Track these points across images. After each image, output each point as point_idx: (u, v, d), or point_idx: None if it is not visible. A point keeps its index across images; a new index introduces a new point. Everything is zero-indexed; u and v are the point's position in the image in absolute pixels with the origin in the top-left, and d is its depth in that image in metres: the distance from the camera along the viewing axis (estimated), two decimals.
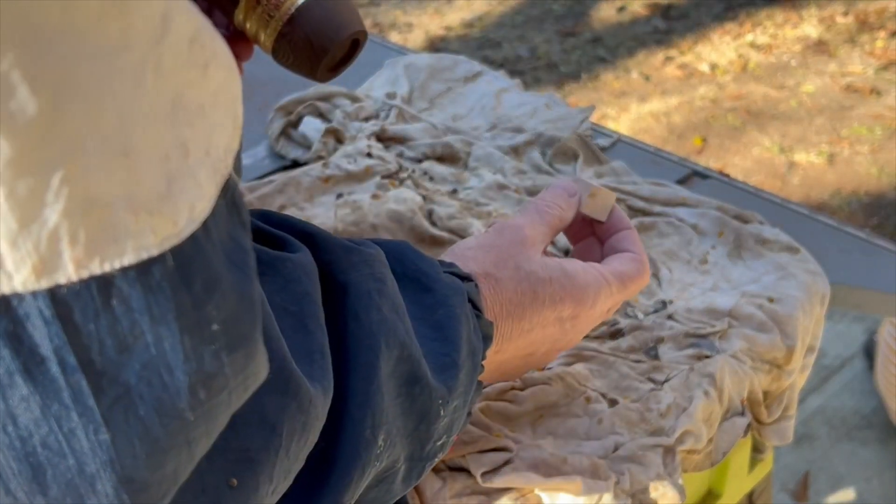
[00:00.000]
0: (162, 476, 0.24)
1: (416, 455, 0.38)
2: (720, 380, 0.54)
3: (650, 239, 0.66)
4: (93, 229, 0.21)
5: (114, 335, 0.22)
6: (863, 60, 2.34)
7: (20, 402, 0.22)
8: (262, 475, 0.28)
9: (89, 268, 0.21)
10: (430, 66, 0.85)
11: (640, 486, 0.49)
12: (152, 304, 0.22)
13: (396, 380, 0.35)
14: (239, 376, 0.25)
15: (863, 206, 1.88)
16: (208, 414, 0.24)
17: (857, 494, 1.32)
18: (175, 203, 0.23)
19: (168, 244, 0.22)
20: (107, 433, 0.22)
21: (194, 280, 0.23)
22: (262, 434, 0.28)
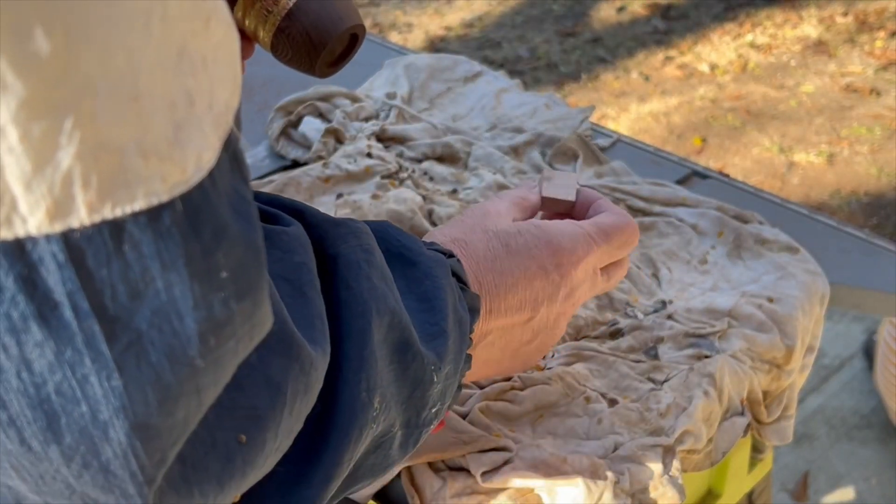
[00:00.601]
0: (173, 423, 0.24)
1: (412, 422, 0.39)
2: (720, 380, 0.54)
3: (650, 239, 0.66)
4: (105, 173, 0.21)
5: (125, 281, 0.22)
6: (862, 60, 2.35)
7: (34, 347, 0.22)
8: (268, 433, 0.29)
9: (101, 212, 0.22)
10: (430, 67, 0.85)
11: (640, 486, 0.49)
12: (162, 250, 0.23)
13: (389, 346, 0.36)
14: (246, 325, 0.25)
15: (862, 206, 1.88)
16: (217, 362, 0.24)
17: (856, 494, 1.32)
18: (183, 150, 0.23)
19: (177, 190, 0.23)
20: (119, 379, 0.23)
21: (203, 227, 0.24)
22: (268, 393, 0.28)
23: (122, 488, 0.24)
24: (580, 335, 0.58)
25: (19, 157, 0.20)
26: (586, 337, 0.58)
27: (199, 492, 0.26)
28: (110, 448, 0.23)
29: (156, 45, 0.22)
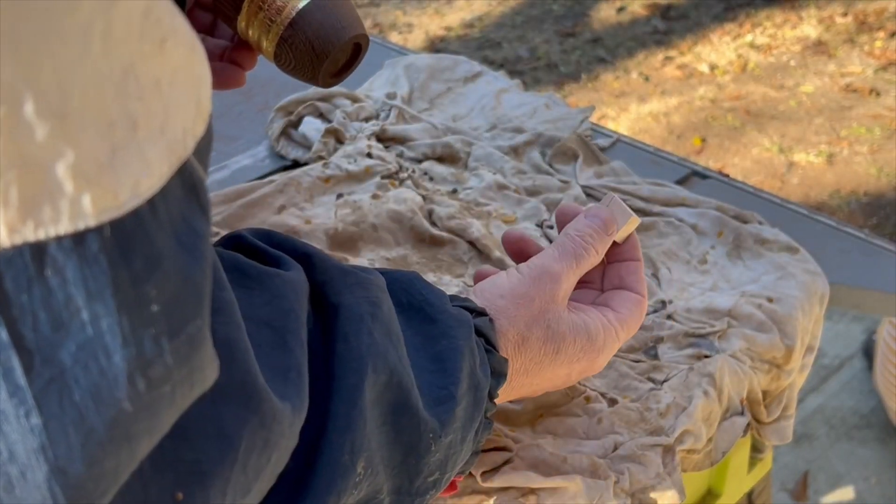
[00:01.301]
0: (100, 473, 0.22)
1: (403, 489, 0.37)
2: (719, 379, 0.54)
3: (650, 239, 0.66)
4: (27, 190, 0.20)
5: (48, 309, 0.21)
6: (862, 61, 2.35)
7: None
8: (212, 489, 0.26)
9: (22, 232, 0.20)
10: (430, 67, 0.85)
11: (640, 486, 0.49)
12: (88, 277, 0.21)
13: (382, 407, 0.35)
14: (183, 368, 0.23)
15: (862, 206, 1.88)
16: (149, 407, 0.23)
17: (856, 494, 1.33)
18: (117, 175, 0.22)
19: (106, 216, 0.22)
20: (39, 417, 0.21)
21: (134, 256, 0.22)
22: (217, 446, 0.26)
23: None
24: None
25: None
26: None
27: None
28: (27, 491, 0.22)
29: (93, 63, 0.21)
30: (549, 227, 0.67)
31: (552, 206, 0.69)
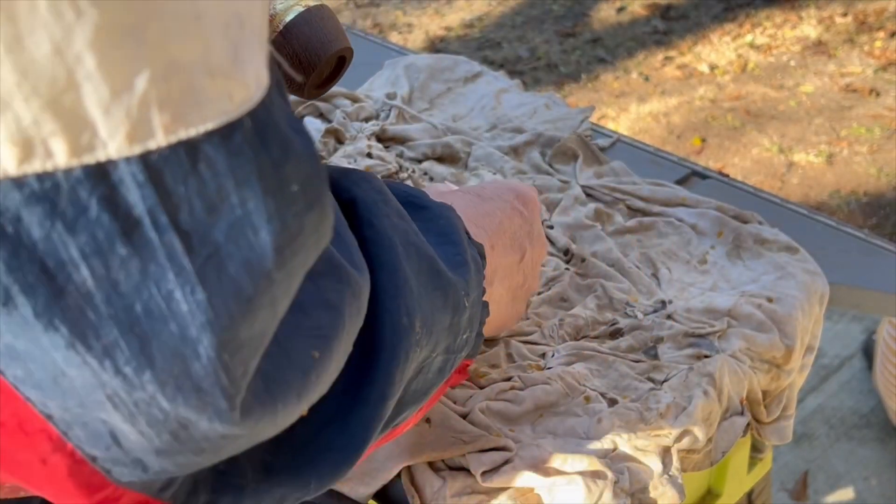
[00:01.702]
0: (252, 335, 0.25)
1: (450, 347, 0.40)
2: (719, 379, 0.54)
3: (650, 239, 0.66)
4: (177, 95, 0.22)
5: (202, 196, 0.23)
6: (862, 61, 2.35)
7: (120, 266, 0.23)
8: (333, 350, 0.30)
9: (177, 133, 0.23)
10: (430, 67, 0.85)
11: (640, 486, 0.49)
12: (236, 167, 0.24)
13: (422, 275, 0.38)
14: (314, 235, 0.26)
15: (862, 206, 1.88)
16: (290, 273, 0.26)
17: (855, 494, 1.33)
18: (244, 69, 0.24)
19: (244, 108, 0.24)
20: (203, 292, 0.23)
21: (271, 143, 0.25)
22: (329, 315, 0.30)
23: (214, 404, 0.25)
24: (580, 335, 0.59)
25: (97, 84, 0.21)
26: (586, 337, 0.58)
27: (282, 404, 0.27)
28: (200, 366, 0.24)
29: None
30: (549, 227, 0.67)
31: (552, 206, 0.69)
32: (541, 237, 0.52)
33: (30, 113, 0.21)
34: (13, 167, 0.21)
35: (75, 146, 0.22)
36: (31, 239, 0.22)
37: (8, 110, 0.21)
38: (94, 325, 0.23)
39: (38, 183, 0.22)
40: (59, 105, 0.21)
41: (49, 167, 0.22)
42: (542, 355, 0.57)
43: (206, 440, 0.26)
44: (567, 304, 0.61)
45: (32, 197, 0.22)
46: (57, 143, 0.21)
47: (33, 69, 0.21)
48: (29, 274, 0.22)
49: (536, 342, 0.58)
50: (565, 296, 0.61)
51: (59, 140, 0.21)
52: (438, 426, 0.51)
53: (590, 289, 0.61)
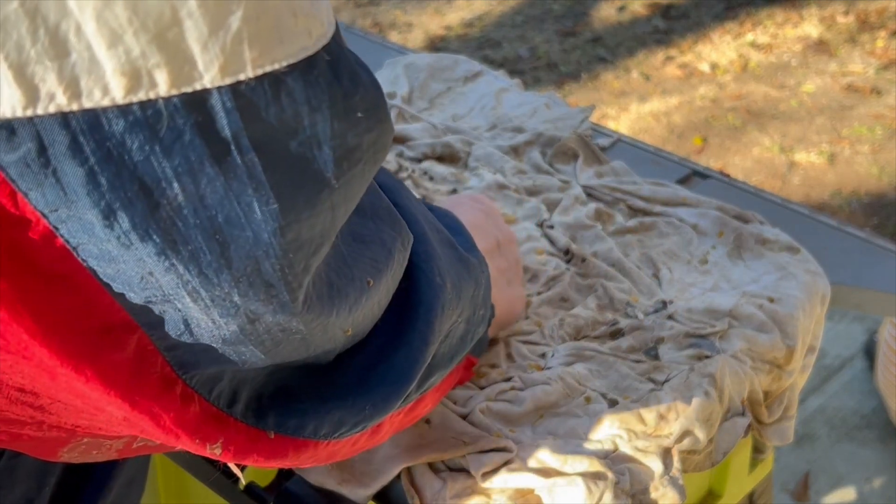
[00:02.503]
0: (312, 235, 0.28)
1: (471, 319, 0.44)
2: (720, 380, 0.54)
3: (650, 239, 0.66)
4: (265, 33, 0.25)
5: (280, 121, 0.26)
6: (863, 60, 2.34)
7: (207, 183, 0.26)
8: (381, 284, 0.34)
9: (264, 66, 0.25)
10: (430, 66, 0.85)
11: (641, 487, 0.49)
12: (311, 97, 0.27)
13: (444, 248, 0.42)
14: (371, 150, 0.29)
15: (863, 206, 1.88)
16: (348, 183, 0.29)
17: (857, 494, 1.32)
18: (319, 6, 0.27)
19: (321, 43, 0.27)
20: (275, 202, 0.26)
21: (342, 75, 0.28)
22: (383, 252, 0.34)
23: (279, 297, 0.28)
24: (580, 335, 0.58)
25: (197, 22, 0.24)
26: (586, 337, 0.58)
27: (337, 311, 0.31)
28: (269, 265, 0.27)
29: None
30: (549, 227, 0.67)
31: (552, 206, 0.69)
32: (504, 227, 0.58)
33: (138, 46, 0.24)
34: (121, 96, 0.24)
35: (176, 77, 0.24)
36: (132, 160, 0.25)
37: (120, 43, 0.23)
38: (183, 233, 0.26)
39: (142, 111, 0.24)
40: (164, 39, 0.24)
41: (152, 96, 0.24)
42: (542, 355, 0.57)
43: (268, 333, 0.29)
44: (567, 303, 0.60)
45: (136, 124, 0.24)
46: (160, 73, 0.24)
47: (143, 6, 0.23)
48: (129, 191, 0.25)
49: (536, 342, 0.57)
50: (565, 296, 0.61)
51: (162, 71, 0.24)
52: (438, 427, 0.51)
53: (590, 289, 0.61)
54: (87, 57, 0.23)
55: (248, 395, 0.32)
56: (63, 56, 0.23)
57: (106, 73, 0.24)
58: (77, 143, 0.24)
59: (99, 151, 0.24)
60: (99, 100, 0.24)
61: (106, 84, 0.24)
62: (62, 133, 0.24)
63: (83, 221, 0.25)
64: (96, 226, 0.25)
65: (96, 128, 0.24)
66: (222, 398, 0.31)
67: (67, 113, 0.24)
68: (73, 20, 0.23)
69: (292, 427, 0.34)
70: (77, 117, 0.24)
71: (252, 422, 0.32)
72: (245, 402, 0.32)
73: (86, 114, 0.24)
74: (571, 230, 0.66)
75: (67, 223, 0.25)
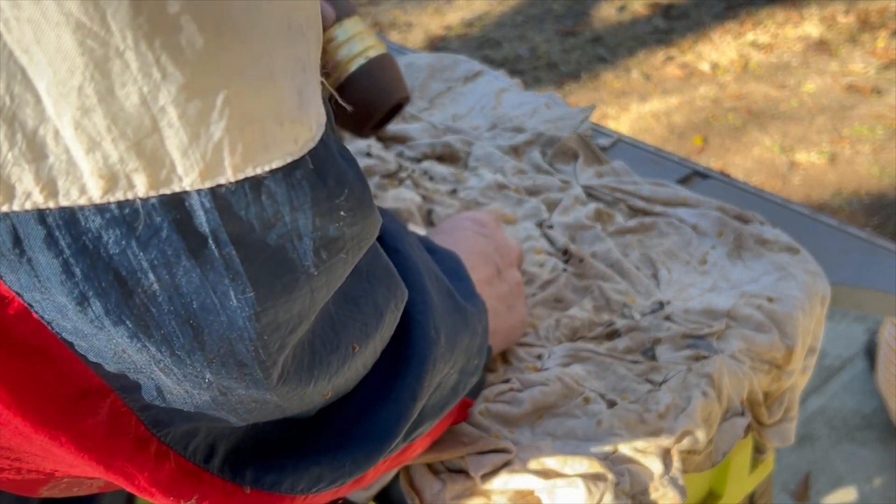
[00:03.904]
0: (289, 317, 0.28)
1: (464, 369, 0.44)
2: (718, 380, 0.54)
3: (650, 239, 0.66)
4: (249, 140, 0.25)
5: (260, 219, 0.26)
6: (864, 60, 2.34)
7: (183, 274, 0.26)
8: (368, 348, 0.34)
9: (245, 171, 0.25)
10: (430, 66, 0.84)
11: (641, 487, 0.49)
12: (293, 198, 0.27)
13: (443, 298, 0.41)
14: (353, 241, 0.30)
15: (864, 207, 1.88)
16: (329, 269, 0.29)
17: (857, 495, 1.32)
18: (307, 111, 0.27)
19: (307, 148, 0.27)
20: (252, 290, 0.27)
21: (328, 176, 0.28)
22: (374, 315, 0.34)
23: (252, 376, 0.28)
24: (576, 336, 0.58)
25: (177, 131, 0.24)
26: (582, 338, 0.58)
27: (315, 382, 0.31)
28: (243, 346, 0.27)
29: (276, 22, 0.26)
30: (549, 227, 0.66)
31: (552, 206, 0.69)
32: (507, 249, 0.57)
33: (117, 152, 0.24)
34: (98, 196, 0.24)
35: (154, 180, 0.25)
36: (108, 253, 0.25)
37: (98, 149, 0.24)
38: (156, 319, 0.26)
39: (119, 209, 0.25)
40: (142, 147, 0.24)
41: (130, 196, 0.25)
42: (538, 356, 0.56)
43: (241, 403, 0.30)
44: (563, 304, 0.60)
45: (113, 220, 0.25)
46: (138, 177, 0.24)
47: (122, 116, 0.23)
48: (104, 281, 0.25)
49: (532, 344, 0.57)
50: (561, 297, 0.61)
51: (140, 175, 0.24)
52: None
53: (587, 290, 0.61)
54: (65, 160, 0.24)
55: (225, 449, 0.32)
56: (40, 159, 0.23)
57: (83, 174, 0.24)
58: (53, 237, 0.24)
59: (74, 245, 0.25)
60: (76, 199, 0.24)
61: (83, 185, 0.24)
62: (38, 227, 0.24)
63: (56, 303, 0.26)
64: (69, 309, 0.26)
65: (72, 223, 0.24)
66: (199, 453, 0.32)
67: (44, 210, 0.24)
68: (52, 126, 0.23)
69: (269, 482, 0.33)
70: (53, 213, 0.24)
71: (229, 476, 0.33)
72: (223, 457, 0.32)
73: (62, 210, 0.24)
74: (571, 230, 0.66)
75: (41, 303, 0.26)
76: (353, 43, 0.57)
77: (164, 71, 0.23)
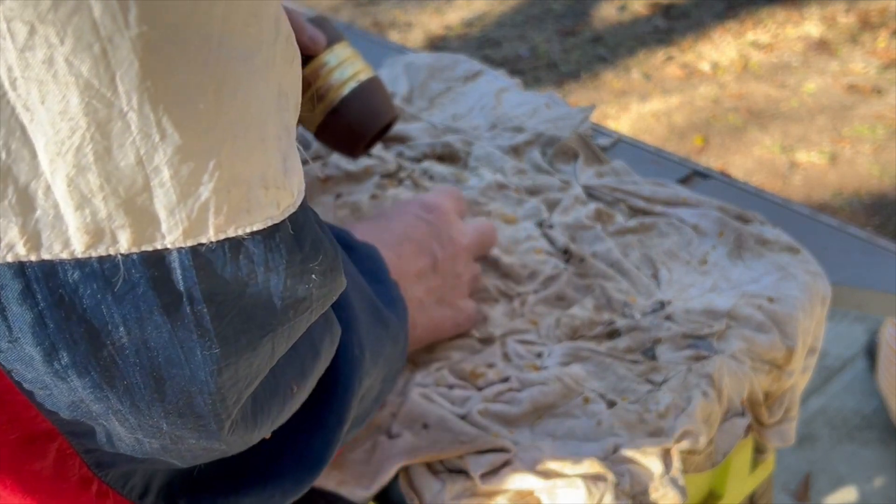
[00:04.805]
0: (249, 372, 0.29)
1: (387, 377, 0.45)
2: (718, 380, 0.54)
3: (650, 239, 0.65)
4: (234, 203, 0.26)
5: (235, 278, 0.27)
6: (864, 60, 2.34)
7: (154, 329, 0.26)
8: (307, 385, 0.34)
9: (227, 232, 0.26)
10: (430, 66, 0.84)
11: (641, 488, 0.49)
12: (269, 259, 0.27)
13: (367, 311, 0.42)
14: (320, 301, 0.30)
15: (864, 207, 1.88)
16: (292, 327, 0.30)
17: (858, 495, 1.32)
18: (290, 177, 0.28)
19: (287, 213, 0.28)
20: (218, 347, 0.27)
21: (305, 241, 0.28)
22: (310, 354, 0.34)
23: (207, 427, 0.29)
24: (576, 335, 0.58)
25: (168, 191, 0.24)
26: (582, 337, 0.58)
27: (259, 427, 0.32)
28: (202, 399, 0.28)
29: (269, 90, 0.26)
30: (549, 227, 0.66)
31: (552, 206, 0.69)
32: (452, 239, 0.56)
33: (106, 209, 0.24)
34: (80, 251, 0.24)
35: (138, 237, 0.25)
36: (82, 306, 0.25)
37: (87, 206, 0.24)
38: (121, 370, 0.26)
39: (99, 264, 0.25)
40: (132, 204, 0.24)
41: (112, 252, 0.25)
42: (538, 355, 0.56)
43: (189, 451, 0.30)
44: (564, 303, 0.60)
45: (92, 274, 0.25)
46: (123, 233, 0.25)
47: (116, 175, 0.24)
48: (75, 333, 0.25)
49: (532, 341, 0.57)
50: (562, 295, 0.60)
51: (125, 231, 0.25)
52: (436, 428, 0.50)
53: (588, 289, 0.61)
54: (53, 214, 0.24)
55: (158, 486, 0.33)
56: (28, 212, 0.24)
57: (69, 229, 0.24)
58: (30, 289, 0.24)
59: (50, 297, 0.25)
60: (58, 252, 0.24)
61: (67, 239, 0.24)
62: (16, 280, 0.24)
63: (24, 354, 0.26)
64: (36, 359, 0.26)
65: (51, 276, 0.25)
66: (135, 491, 0.32)
67: (24, 262, 0.24)
68: (44, 181, 0.23)
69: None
70: (34, 266, 0.24)
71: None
72: (156, 493, 0.33)
73: (43, 263, 0.24)
74: (571, 230, 0.65)
75: (6, 353, 0.26)
76: (344, 67, 0.60)
77: (163, 132, 0.24)
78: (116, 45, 0.22)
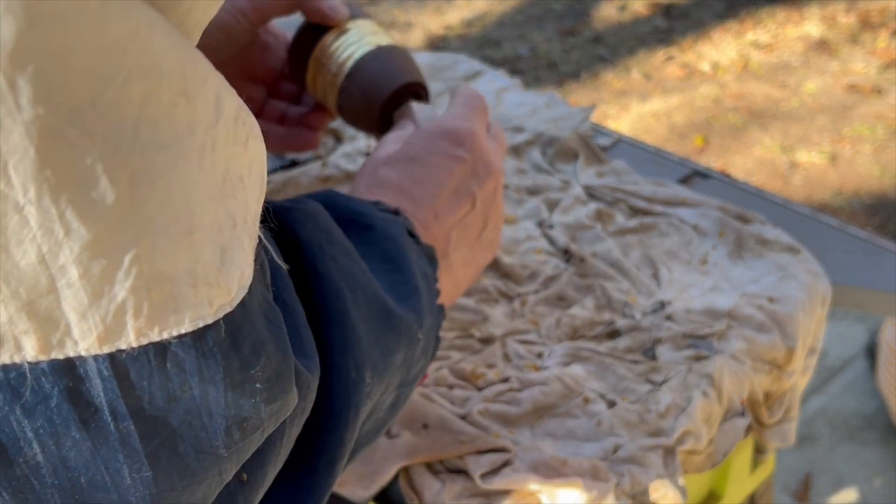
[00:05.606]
0: (192, 501, 0.26)
1: (403, 381, 0.40)
2: (718, 380, 0.54)
3: (651, 239, 0.65)
4: (156, 302, 0.23)
5: (164, 390, 0.24)
6: (865, 60, 2.34)
7: (72, 446, 0.24)
8: (268, 465, 0.30)
9: (149, 336, 0.23)
10: (430, 66, 0.84)
11: (641, 488, 0.49)
12: (203, 367, 0.24)
13: (373, 320, 0.37)
14: (272, 418, 0.27)
15: (865, 207, 1.87)
16: (241, 450, 0.26)
17: (858, 495, 1.32)
18: (228, 273, 0.25)
19: (222, 312, 0.24)
20: (149, 470, 0.24)
21: (243, 344, 0.25)
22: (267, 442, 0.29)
23: None
24: (577, 335, 0.58)
25: (77, 292, 0.22)
26: (583, 337, 0.58)
27: None
28: None
29: (206, 177, 0.23)
30: (550, 226, 0.66)
31: (552, 206, 0.69)
32: (489, 168, 0.49)
33: (6, 313, 0.22)
34: None
35: (46, 344, 0.22)
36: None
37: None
38: (37, 492, 0.24)
39: (3, 372, 0.22)
40: (35, 307, 0.22)
41: (17, 360, 0.22)
42: (538, 355, 0.56)
43: None
44: (565, 303, 0.60)
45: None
46: (28, 340, 0.22)
47: (15, 275, 0.21)
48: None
49: (533, 342, 0.57)
50: (563, 295, 0.60)
51: (31, 338, 0.22)
52: (436, 428, 0.50)
53: (588, 289, 0.61)
54: None
55: None
56: None
57: None
58: None
59: None
60: None
61: None
62: None
63: None
64: None
65: None
66: None
67: None
68: None
69: None
70: None
71: None
72: None
73: None
74: (571, 230, 0.65)
75: None
76: (366, 38, 0.57)
77: (67, 227, 0.21)
78: (7, 129, 0.20)
